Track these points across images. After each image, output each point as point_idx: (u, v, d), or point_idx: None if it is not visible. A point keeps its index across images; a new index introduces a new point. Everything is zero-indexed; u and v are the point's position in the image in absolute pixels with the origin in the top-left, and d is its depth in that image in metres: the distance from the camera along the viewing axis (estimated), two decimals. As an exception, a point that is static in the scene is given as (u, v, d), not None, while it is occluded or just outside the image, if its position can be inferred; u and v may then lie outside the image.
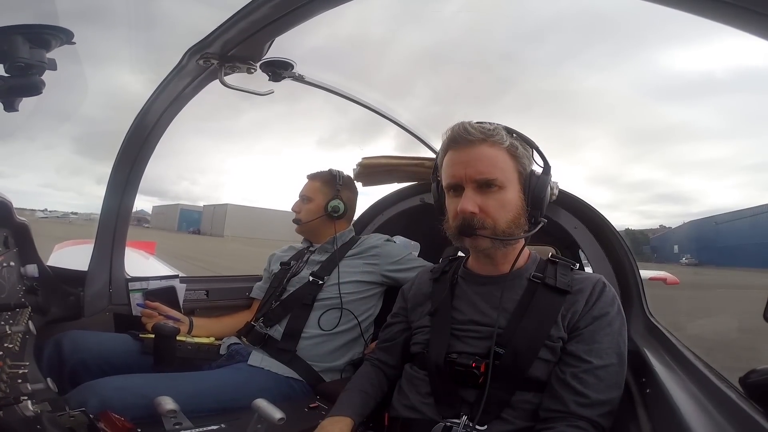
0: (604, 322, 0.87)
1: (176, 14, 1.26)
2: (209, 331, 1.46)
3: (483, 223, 0.87)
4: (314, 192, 1.57)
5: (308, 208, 1.56)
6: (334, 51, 1.48)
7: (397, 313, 1.13)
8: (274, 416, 0.82)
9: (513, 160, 0.90)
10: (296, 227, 1.59)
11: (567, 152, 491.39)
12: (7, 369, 0.74)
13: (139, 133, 1.41)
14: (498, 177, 0.88)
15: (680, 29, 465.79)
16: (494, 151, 0.89)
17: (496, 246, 0.90)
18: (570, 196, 1.38)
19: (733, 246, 40.22)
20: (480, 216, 0.87)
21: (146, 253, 3.91)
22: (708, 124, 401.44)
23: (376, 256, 1.48)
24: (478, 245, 0.90)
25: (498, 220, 0.88)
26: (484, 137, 0.89)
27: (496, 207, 0.88)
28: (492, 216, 0.88)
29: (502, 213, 0.88)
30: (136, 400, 0.95)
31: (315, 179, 1.60)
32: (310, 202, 1.56)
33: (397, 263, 1.47)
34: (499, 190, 0.88)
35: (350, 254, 1.49)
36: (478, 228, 0.87)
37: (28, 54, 0.71)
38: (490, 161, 0.88)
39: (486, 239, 0.88)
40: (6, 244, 1.21)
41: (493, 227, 0.88)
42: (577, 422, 0.79)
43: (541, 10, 2.65)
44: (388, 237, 1.59)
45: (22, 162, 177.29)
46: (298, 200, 1.60)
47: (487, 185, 0.88)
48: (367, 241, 1.54)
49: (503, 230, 0.88)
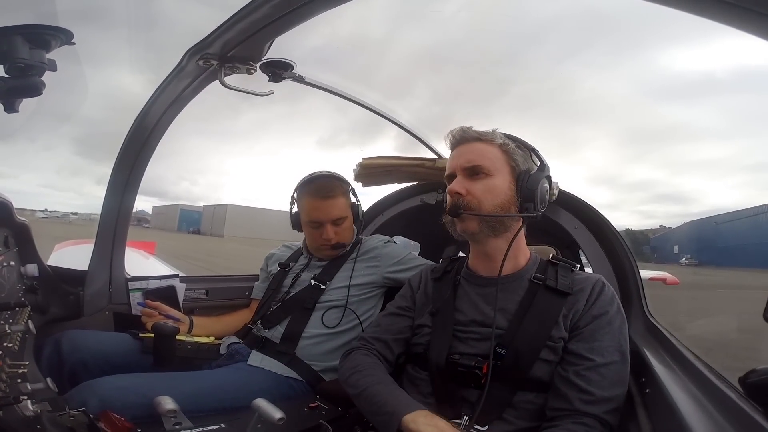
0: (603, 320, 0.87)
1: (176, 14, 1.26)
2: (209, 330, 1.45)
3: (468, 204, 0.94)
4: (346, 209, 1.45)
5: (346, 228, 1.46)
6: (334, 51, 1.48)
7: (408, 307, 1.09)
8: (274, 416, 0.82)
9: (504, 154, 0.97)
10: (332, 252, 1.46)
11: (567, 152, 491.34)
12: (7, 368, 0.74)
13: (140, 134, 1.41)
14: (484, 164, 0.95)
15: (681, 29, 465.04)
16: (485, 146, 0.98)
17: (483, 230, 0.94)
18: (570, 196, 1.38)
19: (733, 246, 40.23)
20: (467, 198, 0.94)
21: (146, 252, 3.92)
22: (708, 123, 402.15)
23: (377, 258, 1.47)
24: (467, 228, 0.95)
25: (483, 202, 0.94)
26: (477, 136, 0.99)
27: (482, 191, 0.94)
28: (477, 198, 0.94)
29: (488, 197, 0.94)
30: (136, 400, 0.94)
31: (339, 196, 1.43)
32: (345, 220, 1.45)
33: (398, 263, 1.46)
34: (486, 177, 0.95)
35: (352, 257, 1.48)
36: (464, 208, 0.93)
37: (28, 55, 0.71)
38: (479, 152, 0.97)
39: (473, 221, 0.94)
40: (6, 243, 1.21)
41: (478, 209, 0.93)
42: (583, 419, 0.79)
43: (542, 9, 2.66)
44: (389, 238, 1.57)
45: (22, 162, 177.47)
46: (328, 226, 1.41)
47: (474, 172, 0.95)
48: (367, 243, 1.53)
49: (488, 212, 0.93)
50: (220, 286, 1.75)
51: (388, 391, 0.89)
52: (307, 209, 1.43)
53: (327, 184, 1.43)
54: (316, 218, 1.41)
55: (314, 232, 1.44)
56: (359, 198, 1.56)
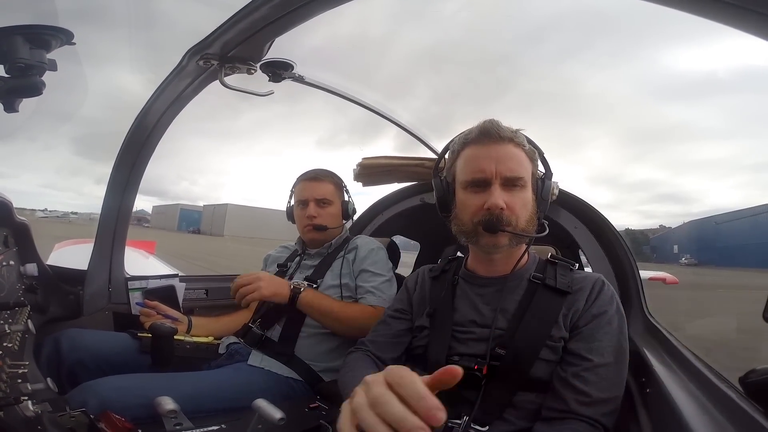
0: (603, 320, 0.87)
1: (176, 14, 1.26)
2: (208, 330, 1.45)
3: (509, 220, 0.89)
4: (332, 194, 1.48)
5: (331, 213, 1.47)
6: (334, 51, 1.47)
7: (404, 310, 1.09)
8: (274, 416, 0.82)
9: (531, 163, 0.94)
10: (314, 233, 1.47)
11: (568, 152, 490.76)
12: (7, 369, 0.74)
13: (140, 134, 1.41)
14: (524, 176, 0.91)
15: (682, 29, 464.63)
16: (518, 151, 0.92)
17: (511, 244, 0.92)
18: (570, 196, 1.38)
19: (732, 246, 40.25)
20: (507, 213, 0.88)
21: (146, 252, 3.92)
22: (709, 123, 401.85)
23: (354, 256, 1.45)
24: (499, 242, 0.90)
25: (520, 218, 0.90)
26: (511, 137, 0.92)
27: (519, 205, 0.90)
28: (516, 213, 0.90)
29: (524, 212, 0.91)
30: (136, 401, 0.94)
31: (328, 181, 1.50)
32: (330, 205, 1.47)
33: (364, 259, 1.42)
34: (522, 189, 0.91)
35: (340, 255, 1.46)
36: (505, 225, 0.88)
37: (29, 54, 0.71)
38: (518, 160, 0.91)
39: (506, 236, 0.89)
40: (6, 243, 1.21)
41: (515, 225, 0.89)
42: (578, 421, 0.79)
43: (542, 9, 2.65)
44: (379, 245, 1.50)
45: (22, 162, 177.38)
46: (311, 204, 1.47)
47: (513, 183, 0.90)
48: (354, 241, 1.51)
49: (522, 228, 0.90)
50: (219, 285, 1.75)
51: (352, 376, 0.90)
52: (297, 192, 1.52)
53: (319, 171, 1.53)
54: (302, 197, 1.49)
55: (301, 213, 1.49)
56: (353, 197, 1.57)
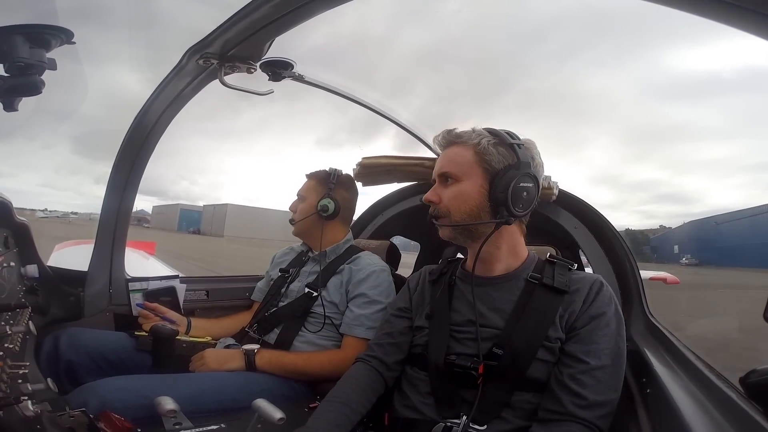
0: (601, 322, 0.87)
1: (176, 14, 1.26)
2: (208, 332, 1.45)
3: (440, 212, 0.96)
4: (309, 191, 1.51)
5: (301, 208, 1.50)
6: (334, 51, 1.47)
7: (406, 308, 1.10)
8: (274, 416, 0.82)
9: (476, 156, 0.93)
10: (293, 228, 1.54)
11: (568, 152, 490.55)
12: (8, 369, 0.74)
13: (139, 133, 1.41)
14: (452, 170, 0.95)
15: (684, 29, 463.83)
16: (458, 149, 0.96)
17: (458, 236, 0.97)
18: (570, 196, 1.38)
19: (733, 246, 40.24)
20: (440, 206, 0.97)
21: (146, 253, 3.91)
22: (710, 123, 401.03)
23: (350, 275, 1.38)
24: (443, 234, 0.98)
25: (452, 210, 0.95)
26: (454, 140, 0.98)
27: (450, 198, 0.95)
28: (446, 205, 0.96)
29: (456, 204, 0.94)
30: (136, 401, 0.94)
31: (311, 178, 1.54)
32: (303, 201, 1.51)
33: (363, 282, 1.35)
34: (455, 183, 0.95)
35: (340, 269, 1.41)
36: (437, 216, 0.97)
37: (28, 54, 0.71)
38: (450, 157, 0.97)
39: (446, 228, 0.97)
40: (6, 244, 1.21)
41: (449, 216, 0.95)
42: (574, 424, 0.79)
43: (544, 8, 2.64)
44: (383, 266, 1.41)
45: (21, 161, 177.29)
46: (295, 199, 1.55)
47: (445, 179, 0.97)
48: (359, 256, 1.44)
49: (458, 220, 0.94)
50: (220, 286, 1.74)
51: (320, 409, 0.91)
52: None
53: (314, 171, 1.56)
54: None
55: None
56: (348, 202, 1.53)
